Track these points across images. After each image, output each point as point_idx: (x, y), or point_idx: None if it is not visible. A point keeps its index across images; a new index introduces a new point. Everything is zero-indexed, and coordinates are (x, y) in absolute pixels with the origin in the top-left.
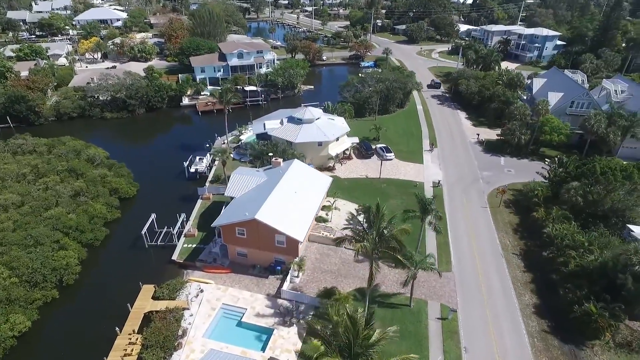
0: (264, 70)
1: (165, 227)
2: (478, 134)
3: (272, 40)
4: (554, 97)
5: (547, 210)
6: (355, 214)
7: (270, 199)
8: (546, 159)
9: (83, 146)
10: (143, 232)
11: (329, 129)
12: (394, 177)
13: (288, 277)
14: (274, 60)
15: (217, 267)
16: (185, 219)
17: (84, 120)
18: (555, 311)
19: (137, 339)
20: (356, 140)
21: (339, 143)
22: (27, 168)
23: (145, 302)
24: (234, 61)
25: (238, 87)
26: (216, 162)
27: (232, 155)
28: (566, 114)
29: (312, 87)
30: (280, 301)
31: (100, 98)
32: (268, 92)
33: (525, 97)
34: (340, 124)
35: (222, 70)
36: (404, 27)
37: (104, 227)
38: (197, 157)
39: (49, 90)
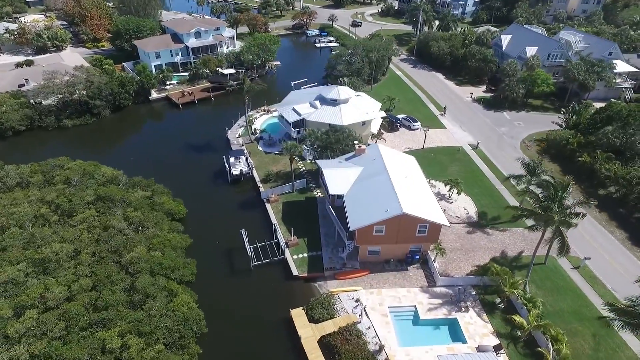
0: (225, 49)
1: (257, 242)
2: (472, 93)
3: (199, 15)
4: (530, 52)
5: (590, 154)
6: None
7: (397, 189)
8: (562, 109)
9: (92, 166)
10: (250, 254)
11: (367, 106)
12: (433, 146)
13: (435, 264)
14: (233, 37)
15: (352, 271)
16: (275, 229)
17: (36, 133)
18: None
19: None
20: (383, 114)
21: (375, 119)
22: (43, 207)
23: (307, 328)
24: (191, 42)
25: (218, 71)
26: (250, 161)
27: (258, 147)
28: (544, 65)
29: (279, 62)
30: (439, 289)
31: (45, 103)
32: (244, 74)
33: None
34: (369, 100)
35: (179, 53)
36: None
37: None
38: (233, 158)
39: None
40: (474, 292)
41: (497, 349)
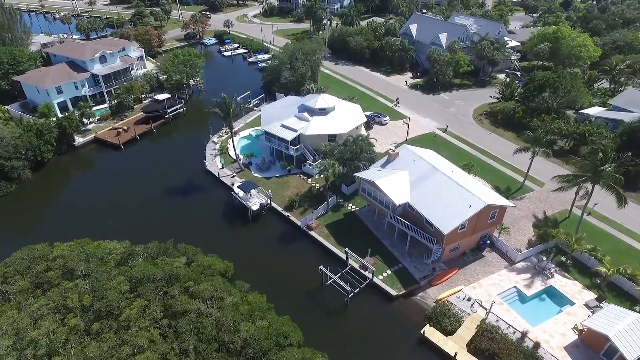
0: (141, 71)
1: (335, 275)
2: (406, 81)
3: (65, 35)
4: (443, 37)
5: (539, 118)
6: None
7: (462, 184)
8: (496, 85)
9: (90, 246)
10: (348, 288)
11: (351, 110)
12: (410, 137)
13: (506, 245)
14: (142, 57)
15: (443, 273)
16: (347, 254)
17: None
18: None
19: None
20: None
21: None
22: (70, 318)
23: (449, 342)
24: (98, 68)
25: (156, 98)
26: (256, 196)
27: (253, 173)
28: (459, 48)
29: (199, 79)
30: (520, 265)
31: None
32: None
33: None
34: (345, 102)
35: (86, 84)
36: None
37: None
38: (243, 192)
39: None
40: (544, 258)
41: (600, 300)
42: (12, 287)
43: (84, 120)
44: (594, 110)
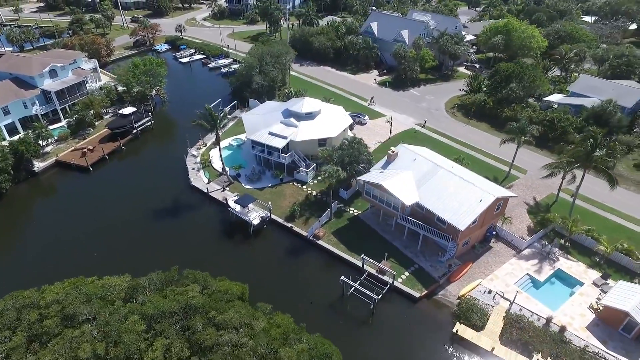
0: (96, 84)
1: (355, 283)
2: (375, 79)
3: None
4: (405, 34)
5: (509, 108)
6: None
7: (466, 178)
8: (464, 80)
9: (88, 285)
10: (374, 296)
11: (336, 112)
12: (392, 134)
13: (511, 234)
14: (96, 68)
15: (459, 269)
16: (363, 260)
17: None
18: None
19: None
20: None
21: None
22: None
23: (482, 338)
24: (49, 84)
25: (121, 112)
26: (254, 210)
27: (244, 185)
28: (424, 44)
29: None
30: (526, 252)
31: None
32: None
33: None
34: (327, 104)
35: (36, 102)
36: None
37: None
38: (239, 206)
39: None
40: (546, 243)
41: (605, 277)
42: (2, 345)
43: (40, 142)
44: (556, 98)
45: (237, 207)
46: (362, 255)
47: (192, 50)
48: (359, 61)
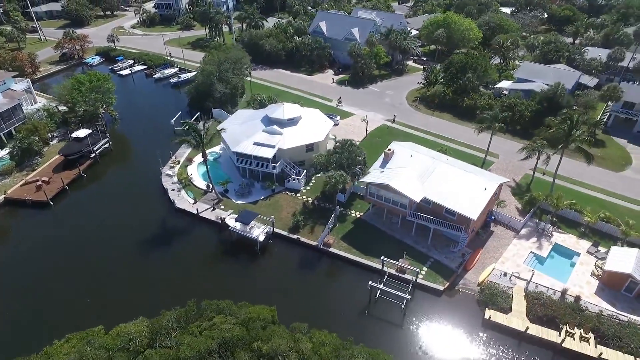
0: (34, 106)
1: (379, 285)
2: (333, 79)
3: None
4: (356, 32)
5: (469, 97)
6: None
7: (466, 169)
8: (416, 73)
9: (102, 337)
10: (406, 296)
11: (316, 115)
12: (367, 132)
13: (507, 217)
14: (29, 88)
15: (472, 257)
16: (383, 261)
17: None
18: None
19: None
20: None
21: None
22: None
23: (512, 319)
24: None
25: (74, 136)
26: (256, 227)
27: (234, 201)
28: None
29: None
30: (523, 231)
31: None
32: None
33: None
34: (304, 108)
35: None
36: (59, 6)
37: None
38: (240, 224)
39: None
40: (537, 220)
41: (596, 245)
42: None
43: None
44: (505, 84)
45: (238, 225)
46: (382, 257)
47: (131, 61)
48: (313, 62)
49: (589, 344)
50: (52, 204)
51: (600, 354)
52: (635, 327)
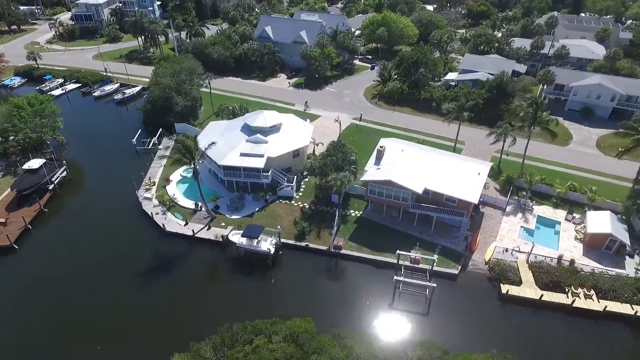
0: None
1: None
2: (289, 82)
3: None
4: (304, 35)
5: (425, 91)
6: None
7: (456, 158)
8: (376, 71)
9: None
10: (429, 290)
11: (295, 120)
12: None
13: (493, 197)
14: None
15: (474, 238)
16: (398, 255)
17: None
18: None
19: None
20: None
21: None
22: None
23: (524, 288)
24: None
25: (26, 168)
26: (263, 240)
27: (228, 216)
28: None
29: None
30: (508, 208)
31: None
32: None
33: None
34: (281, 114)
35: None
36: None
37: None
38: (246, 239)
39: None
40: (516, 197)
41: (571, 212)
42: None
43: None
44: (452, 76)
45: (245, 241)
46: (398, 251)
47: (61, 80)
48: (264, 67)
49: (593, 300)
50: (16, 247)
51: (605, 307)
52: (623, 278)
